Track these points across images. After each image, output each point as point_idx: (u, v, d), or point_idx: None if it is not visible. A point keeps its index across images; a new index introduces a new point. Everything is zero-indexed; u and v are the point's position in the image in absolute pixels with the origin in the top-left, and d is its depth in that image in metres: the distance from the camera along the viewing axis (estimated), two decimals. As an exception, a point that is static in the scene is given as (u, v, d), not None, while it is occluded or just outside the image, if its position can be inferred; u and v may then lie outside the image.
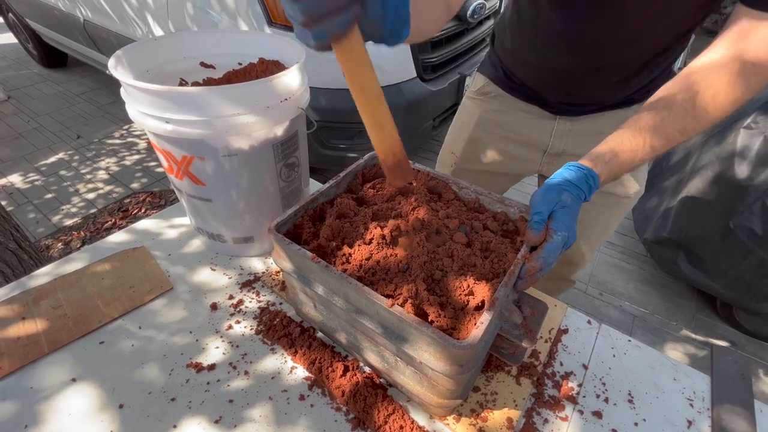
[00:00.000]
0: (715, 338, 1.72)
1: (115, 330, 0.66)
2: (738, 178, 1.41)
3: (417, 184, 0.65)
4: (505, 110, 0.88)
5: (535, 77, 0.80)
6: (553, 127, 0.84)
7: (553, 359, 0.65)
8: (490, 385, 0.60)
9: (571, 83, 0.76)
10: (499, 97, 0.89)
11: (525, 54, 0.78)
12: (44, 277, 0.74)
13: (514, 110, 0.87)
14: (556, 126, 0.84)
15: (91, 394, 0.57)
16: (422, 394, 0.52)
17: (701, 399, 0.60)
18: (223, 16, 1.84)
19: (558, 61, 0.73)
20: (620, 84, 0.74)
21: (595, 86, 0.75)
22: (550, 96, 0.81)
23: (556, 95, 0.80)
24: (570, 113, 0.82)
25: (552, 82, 0.78)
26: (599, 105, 0.79)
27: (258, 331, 0.66)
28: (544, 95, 0.82)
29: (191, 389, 0.58)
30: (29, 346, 0.62)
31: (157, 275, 0.75)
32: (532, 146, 0.89)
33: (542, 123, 0.85)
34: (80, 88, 3.60)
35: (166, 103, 0.58)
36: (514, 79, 0.84)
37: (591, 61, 0.70)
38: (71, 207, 2.26)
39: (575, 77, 0.74)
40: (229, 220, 0.74)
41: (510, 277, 0.48)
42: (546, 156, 0.89)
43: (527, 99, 0.84)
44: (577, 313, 0.72)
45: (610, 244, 2.17)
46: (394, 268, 0.51)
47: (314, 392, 0.59)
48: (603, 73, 0.72)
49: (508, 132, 0.89)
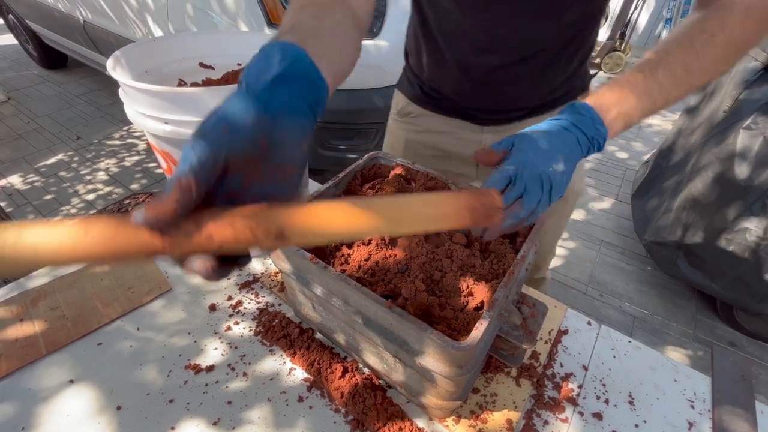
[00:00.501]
0: (716, 339, 1.71)
1: (113, 331, 0.66)
2: (738, 178, 1.40)
3: (416, 185, 0.65)
4: (430, 130, 0.85)
5: (452, 85, 0.77)
6: (480, 141, 0.81)
7: (553, 360, 0.64)
8: (489, 386, 0.60)
9: (487, 85, 0.73)
10: (422, 117, 0.85)
11: (438, 61, 0.74)
12: (42, 278, 0.74)
13: (439, 129, 0.84)
14: (483, 139, 0.81)
15: (89, 395, 0.57)
16: (422, 395, 0.52)
17: (702, 400, 0.60)
18: (222, 17, 1.84)
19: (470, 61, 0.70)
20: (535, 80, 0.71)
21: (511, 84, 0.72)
22: (470, 103, 0.78)
23: (477, 102, 0.77)
24: (495, 122, 0.79)
25: (468, 87, 0.75)
26: (522, 109, 0.77)
27: (257, 332, 0.66)
28: (465, 105, 0.79)
29: (190, 390, 0.58)
30: (27, 347, 0.62)
31: (155, 276, 0.75)
32: (465, 161, 0.85)
33: (470, 137, 0.82)
34: (80, 89, 3.60)
35: (165, 104, 0.58)
36: (433, 95, 0.81)
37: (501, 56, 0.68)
38: (71, 208, 2.26)
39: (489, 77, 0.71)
40: (228, 220, 0.74)
41: (510, 278, 0.48)
42: (480, 168, 0.86)
43: (450, 114, 0.81)
44: (577, 314, 0.72)
45: (610, 245, 2.17)
46: (393, 268, 0.51)
47: (313, 394, 0.58)
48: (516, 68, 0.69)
49: (438, 151, 0.86)
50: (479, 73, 0.71)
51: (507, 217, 0.44)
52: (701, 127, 1.71)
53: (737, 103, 1.47)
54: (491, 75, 0.71)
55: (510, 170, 0.45)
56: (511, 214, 0.44)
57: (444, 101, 0.80)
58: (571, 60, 0.71)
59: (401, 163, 0.69)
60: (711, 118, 1.63)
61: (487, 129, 0.80)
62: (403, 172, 0.67)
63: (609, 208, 2.45)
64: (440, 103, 0.81)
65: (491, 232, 0.45)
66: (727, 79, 1.59)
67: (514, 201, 0.44)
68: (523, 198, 0.44)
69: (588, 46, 0.72)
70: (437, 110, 0.83)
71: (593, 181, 2.68)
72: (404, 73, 0.89)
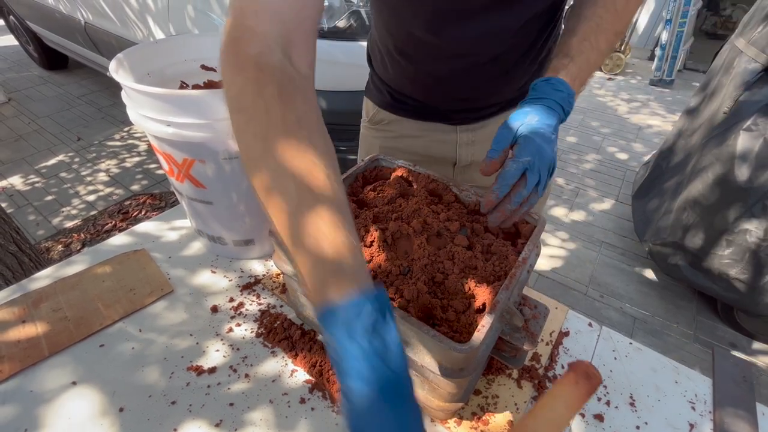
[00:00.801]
0: (716, 340, 1.72)
1: (115, 333, 0.66)
2: (738, 180, 1.41)
3: (417, 187, 0.65)
4: (404, 135, 0.83)
5: (421, 91, 0.75)
6: (456, 141, 0.80)
7: (554, 362, 0.64)
8: (491, 388, 0.60)
9: (456, 88, 0.72)
10: (394, 123, 0.82)
11: (403, 65, 0.72)
12: (44, 279, 0.74)
13: (413, 133, 0.82)
14: (458, 138, 0.80)
15: (91, 397, 0.57)
16: (423, 397, 0.52)
17: (703, 402, 0.60)
18: (224, 18, 1.84)
19: (438, 68, 0.69)
20: (505, 77, 0.70)
21: (482, 84, 0.71)
22: (442, 105, 0.76)
23: (448, 104, 0.76)
24: (468, 120, 0.78)
25: (438, 91, 0.74)
26: (494, 105, 0.76)
27: (258, 334, 0.66)
28: (437, 108, 0.77)
29: (192, 392, 0.58)
30: (29, 349, 0.62)
31: (157, 278, 0.75)
32: (442, 162, 0.84)
33: (444, 138, 0.80)
34: (81, 90, 3.61)
35: (167, 106, 0.58)
36: (403, 100, 0.79)
37: (469, 60, 0.66)
38: (71, 209, 2.27)
39: (459, 80, 0.70)
40: (230, 222, 0.74)
41: (512, 279, 0.48)
42: (457, 168, 0.85)
43: (423, 117, 0.79)
44: (578, 315, 0.72)
45: (611, 246, 2.17)
46: (395, 270, 0.51)
47: (315, 395, 0.58)
48: (486, 68, 0.68)
49: (415, 156, 0.84)
50: (448, 77, 0.70)
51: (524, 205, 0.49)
52: (701, 128, 1.71)
53: (737, 105, 1.47)
54: (460, 78, 0.70)
55: (525, 162, 0.47)
56: (527, 202, 0.49)
57: (415, 106, 0.78)
58: (540, 51, 0.70)
59: (403, 165, 0.69)
60: (711, 119, 1.64)
61: (462, 128, 0.79)
62: (405, 174, 0.68)
63: (609, 209, 2.45)
64: (411, 108, 0.79)
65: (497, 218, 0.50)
66: (727, 80, 1.60)
67: (534, 187, 0.48)
68: (538, 185, 0.48)
69: (556, 34, 0.72)
70: (409, 115, 0.80)
71: (594, 183, 2.68)
72: (371, 80, 0.85)
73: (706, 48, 4.75)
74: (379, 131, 0.86)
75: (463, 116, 0.77)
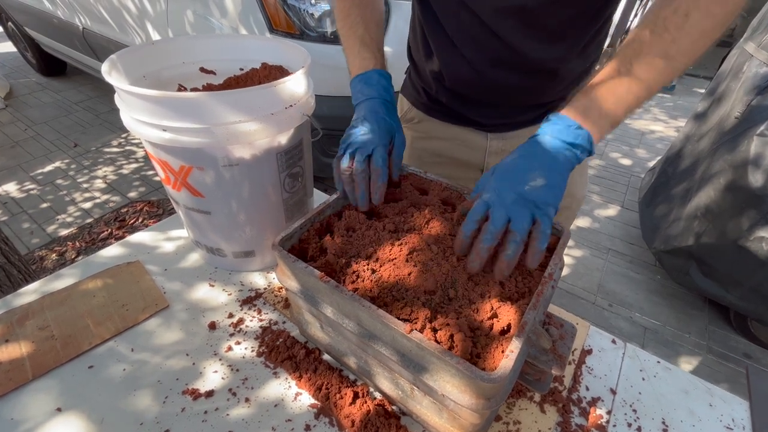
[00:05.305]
0: (729, 351, 1.67)
1: (105, 353, 0.61)
2: (752, 186, 1.37)
3: (431, 196, 0.61)
4: (434, 137, 0.83)
5: (461, 86, 0.73)
6: (486, 148, 0.79)
7: (578, 383, 0.60)
8: (512, 413, 0.55)
9: (494, 94, 0.71)
10: (425, 123, 0.82)
11: (444, 61, 0.71)
12: (31, 294, 0.69)
13: (443, 135, 0.81)
14: (488, 146, 0.78)
15: (77, 425, 0.52)
16: (441, 426, 0.48)
17: (741, 427, 0.55)
18: (223, 23, 1.81)
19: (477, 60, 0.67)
20: (543, 90, 0.70)
21: (519, 95, 0.71)
22: (476, 112, 0.75)
23: (481, 112, 0.75)
24: (501, 128, 0.76)
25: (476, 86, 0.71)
26: (526, 111, 0.74)
27: (260, 353, 0.62)
28: (470, 112, 0.75)
29: (187, 419, 0.53)
30: (12, 371, 0.57)
31: (151, 292, 0.70)
32: (470, 167, 0.83)
33: (475, 143, 0.79)
34: (79, 97, 3.58)
35: (163, 110, 0.54)
36: (439, 100, 0.77)
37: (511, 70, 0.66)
38: (67, 217, 2.22)
39: (497, 88, 0.69)
40: (229, 233, 0.70)
41: (538, 298, 0.44)
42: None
43: (455, 121, 0.79)
44: (600, 331, 0.68)
45: (618, 253, 2.13)
46: (411, 288, 0.46)
47: (321, 422, 0.54)
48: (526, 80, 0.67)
49: (443, 158, 0.83)
50: (487, 83, 0.69)
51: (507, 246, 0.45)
52: (710, 133, 1.68)
53: (749, 110, 1.44)
54: (499, 86, 0.69)
55: (484, 198, 0.48)
56: (506, 241, 0.45)
57: (449, 108, 0.77)
58: (577, 69, 0.70)
59: (413, 172, 0.65)
60: (721, 124, 1.60)
61: (493, 136, 0.78)
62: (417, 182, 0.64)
63: (615, 215, 2.42)
64: (445, 111, 0.79)
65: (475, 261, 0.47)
66: (737, 85, 1.57)
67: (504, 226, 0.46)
68: (511, 222, 0.46)
69: (599, 39, 0.69)
70: (441, 117, 0.80)
71: (598, 189, 2.64)
72: (408, 77, 0.86)
73: (706, 53, 4.73)
74: (409, 130, 0.86)
75: (495, 123, 0.76)
